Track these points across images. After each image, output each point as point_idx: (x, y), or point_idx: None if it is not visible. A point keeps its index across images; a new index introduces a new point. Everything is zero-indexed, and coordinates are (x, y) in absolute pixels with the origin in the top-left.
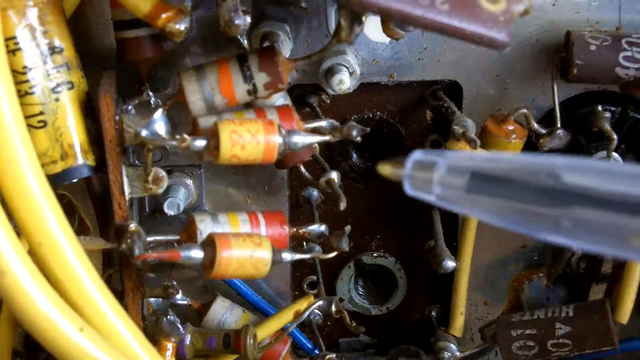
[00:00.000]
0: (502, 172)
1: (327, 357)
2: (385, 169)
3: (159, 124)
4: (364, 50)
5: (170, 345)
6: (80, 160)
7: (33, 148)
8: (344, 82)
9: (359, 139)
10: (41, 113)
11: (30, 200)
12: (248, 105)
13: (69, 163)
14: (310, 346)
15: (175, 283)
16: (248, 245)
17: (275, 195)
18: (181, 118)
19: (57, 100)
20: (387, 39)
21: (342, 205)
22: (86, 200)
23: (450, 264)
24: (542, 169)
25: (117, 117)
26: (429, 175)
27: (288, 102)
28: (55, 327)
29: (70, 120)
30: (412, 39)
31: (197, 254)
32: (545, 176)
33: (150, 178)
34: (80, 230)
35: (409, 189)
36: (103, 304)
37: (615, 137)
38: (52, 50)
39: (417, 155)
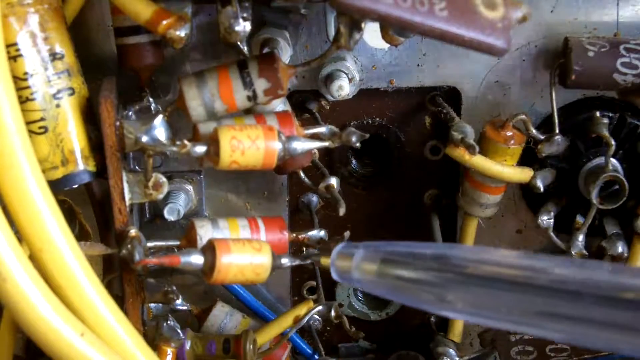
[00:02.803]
0: (403, 258)
1: None
2: (315, 259)
3: (160, 130)
4: (363, 56)
5: (170, 351)
6: (81, 166)
7: (34, 154)
8: (344, 88)
9: (358, 144)
10: (42, 119)
11: (31, 206)
12: (248, 111)
13: (70, 169)
14: (309, 351)
15: (175, 288)
16: (248, 250)
17: (275, 201)
18: (181, 124)
19: (58, 106)
20: (386, 46)
21: (342, 211)
22: (87, 206)
23: None
24: (434, 255)
25: (118, 123)
26: (348, 264)
27: (288, 108)
28: (57, 332)
29: (71, 126)
30: (411, 46)
31: (197, 259)
32: (435, 261)
33: (150, 184)
34: (80, 235)
35: (335, 276)
36: (104, 309)
37: (613, 143)
38: (53, 56)
39: (339, 247)
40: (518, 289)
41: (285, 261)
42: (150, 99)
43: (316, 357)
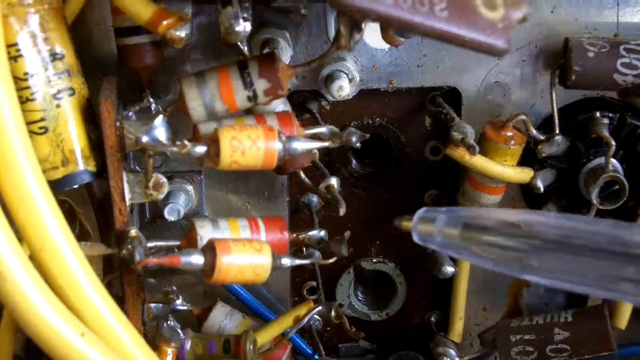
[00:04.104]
0: (487, 223)
1: None
2: (398, 223)
3: (160, 130)
4: (363, 56)
5: (170, 351)
6: (81, 166)
7: (34, 154)
8: (344, 88)
9: (358, 145)
10: (42, 119)
11: (31, 205)
12: (248, 112)
13: (70, 169)
14: (309, 352)
15: (175, 288)
16: (248, 250)
17: (275, 201)
18: (182, 124)
19: (58, 106)
20: (386, 46)
21: (342, 211)
22: (87, 206)
23: (449, 269)
24: (514, 221)
25: (118, 123)
26: (431, 228)
27: (288, 108)
28: (57, 332)
29: (71, 126)
30: (412, 46)
31: (197, 259)
32: (516, 227)
33: (150, 184)
34: (81, 235)
35: (416, 239)
36: (104, 310)
37: (613, 143)
38: (54, 56)
39: (421, 212)
40: (603, 255)
41: (286, 261)
42: (151, 99)
43: (316, 357)
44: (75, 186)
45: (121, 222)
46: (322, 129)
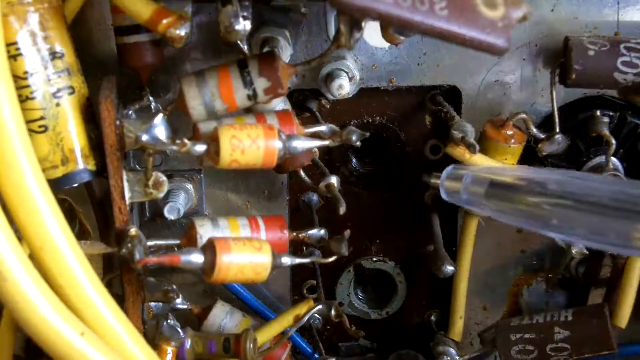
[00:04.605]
0: (511, 182)
1: None
2: (427, 179)
3: (160, 129)
4: (363, 55)
5: (170, 350)
6: (81, 165)
7: (34, 153)
8: (344, 87)
9: (358, 143)
10: (42, 118)
11: (31, 205)
12: (248, 110)
13: (70, 168)
14: (309, 350)
15: (175, 287)
16: (248, 249)
17: (275, 200)
18: (181, 123)
19: (57, 105)
20: (386, 45)
21: (342, 210)
22: (87, 205)
23: (449, 268)
24: (536, 180)
25: (118, 122)
26: (458, 185)
27: (288, 107)
28: (57, 331)
29: (71, 125)
30: (412, 45)
31: (197, 258)
32: (537, 186)
33: (150, 182)
34: (80, 234)
35: (444, 195)
36: (104, 309)
37: (613, 142)
38: (53, 55)
39: (449, 169)
40: (623, 214)
41: (286, 260)
42: (151, 98)
43: (316, 356)
44: (75, 185)
45: (121, 221)
46: (322, 128)
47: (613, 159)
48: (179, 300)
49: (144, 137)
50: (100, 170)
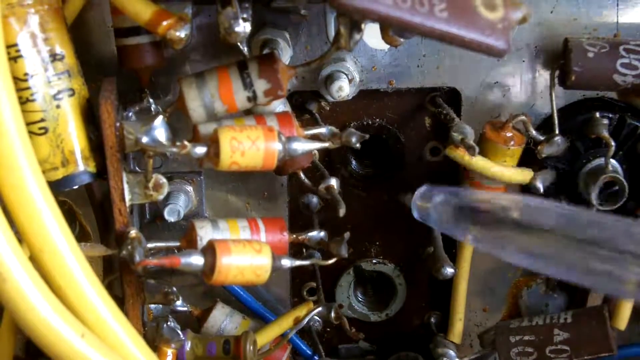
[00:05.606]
0: (478, 205)
1: None
2: (402, 198)
3: (160, 131)
4: (363, 57)
5: (170, 352)
6: (81, 167)
7: (34, 155)
8: (344, 89)
9: (358, 145)
10: (42, 120)
11: (31, 206)
12: (248, 112)
13: (70, 170)
14: (309, 352)
15: (175, 289)
16: (248, 251)
17: (275, 202)
18: (181, 125)
19: (58, 107)
20: (386, 46)
21: (342, 212)
22: (87, 207)
23: (449, 270)
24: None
25: (118, 124)
26: (428, 205)
27: (288, 108)
28: (57, 333)
29: (71, 127)
30: (411, 46)
31: (197, 260)
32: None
33: (150, 184)
34: (80, 236)
35: (415, 215)
36: (104, 310)
37: (613, 143)
38: (53, 57)
39: (422, 189)
40: (577, 245)
41: (285, 262)
42: (150, 100)
43: (316, 358)
44: (75, 187)
45: (121, 223)
46: (321, 130)
47: (612, 160)
48: (179, 302)
49: (144, 139)
50: (100, 172)
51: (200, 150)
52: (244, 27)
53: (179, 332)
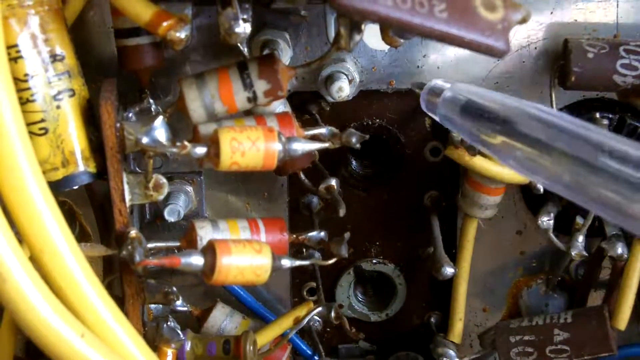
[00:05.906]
0: (486, 104)
1: None
2: (413, 87)
3: (160, 131)
4: (363, 57)
5: (170, 352)
6: (82, 167)
7: (34, 155)
8: (344, 89)
9: (358, 146)
10: (42, 120)
11: (31, 207)
12: (248, 113)
13: (70, 170)
14: (309, 352)
15: (175, 289)
16: (248, 251)
17: (275, 202)
18: (181, 125)
19: (58, 107)
20: (386, 47)
21: (342, 212)
22: (87, 207)
23: (449, 270)
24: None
25: (118, 125)
26: (437, 100)
27: (288, 109)
28: (57, 333)
29: (71, 128)
30: (411, 47)
31: (197, 260)
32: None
33: (150, 185)
34: (81, 236)
35: (423, 107)
36: (104, 311)
37: None
38: (54, 58)
39: (432, 83)
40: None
41: (286, 262)
42: (151, 101)
43: (316, 358)
44: (75, 187)
45: (121, 223)
46: (321, 130)
47: None
48: (179, 302)
49: (144, 140)
50: (100, 173)
51: (201, 150)
52: (244, 28)
53: (179, 332)
